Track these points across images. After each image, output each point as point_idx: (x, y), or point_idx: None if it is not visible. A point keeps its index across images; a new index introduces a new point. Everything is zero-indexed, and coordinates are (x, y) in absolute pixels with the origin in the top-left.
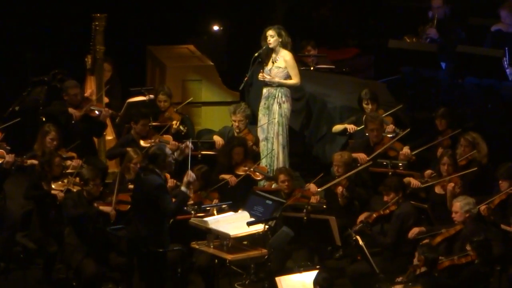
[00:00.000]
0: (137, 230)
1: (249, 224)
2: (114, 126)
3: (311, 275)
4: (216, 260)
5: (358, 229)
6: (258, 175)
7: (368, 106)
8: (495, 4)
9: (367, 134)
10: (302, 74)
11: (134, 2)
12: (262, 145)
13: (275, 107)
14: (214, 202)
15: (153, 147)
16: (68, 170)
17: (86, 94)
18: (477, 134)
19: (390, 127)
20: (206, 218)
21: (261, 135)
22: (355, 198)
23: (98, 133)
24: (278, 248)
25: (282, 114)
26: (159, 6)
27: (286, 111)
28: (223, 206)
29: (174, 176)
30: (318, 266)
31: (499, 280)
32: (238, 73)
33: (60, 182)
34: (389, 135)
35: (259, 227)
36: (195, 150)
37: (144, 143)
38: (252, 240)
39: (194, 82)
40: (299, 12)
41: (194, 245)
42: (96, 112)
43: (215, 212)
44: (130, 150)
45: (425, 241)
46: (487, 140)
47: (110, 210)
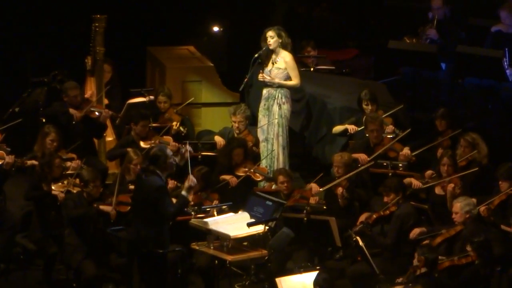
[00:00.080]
0: (137, 231)
1: (249, 225)
2: (114, 127)
3: (311, 276)
4: (216, 261)
5: (358, 230)
6: (258, 176)
7: (367, 107)
8: (495, 4)
9: (367, 135)
10: (302, 75)
11: (134, 3)
12: (262, 146)
13: (275, 108)
14: (214, 203)
15: (154, 149)
16: (68, 171)
17: (86, 96)
18: (477, 135)
19: (390, 128)
20: (206, 219)
21: (261, 136)
22: (355, 199)
23: (98, 134)
24: (278, 249)
25: (282, 115)
26: (159, 7)
27: (286, 112)
28: (223, 207)
29: (174, 177)
30: (318, 267)
31: (499, 280)
32: (238, 74)
33: (60, 183)
34: (389, 136)
35: (259, 228)
36: (195, 151)
37: (144, 144)
38: (252, 241)
39: (194, 83)
40: (299, 13)
41: (194, 246)
42: (96, 113)
43: (215, 213)
44: (130, 151)
45: (425, 242)
46: (487, 140)
47: (110, 210)
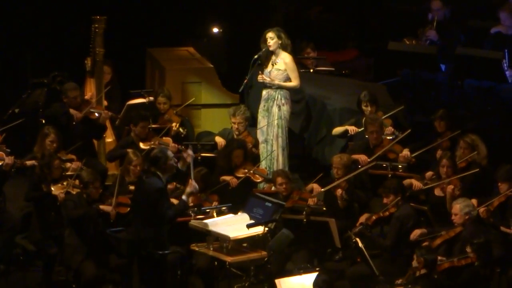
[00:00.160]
0: (136, 232)
1: (248, 226)
2: (114, 128)
3: (311, 277)
4: (215, 262)
5: (358, 231)
6: (258, 177)
7: (367, 108)
8: (495, 6)
9: (367, 136)
10: (302, 76)
11: (133, 4)
12: (262, 147)
13: (275, 109)
14: (214, 204)
15: (154, 150)
16: (67, 173)
17: (86, 97)
18: (476, 136)
19: (389, 129)
20: (205, 220)
21: (260, 137)
22: (355, 200)
23: (98, 135)
24: (277, 250)
25: (281, 116)
26: (159, 8)
27: (285, 113)
28: (223, 208)
29: (173, 178)
30: (317, 268)
31: (499, 282)
32: (238, 75)
33: (59, 185)
34: (388, 137)
35: (259, 229)
36: (195, 152)
37: (143, 145)
38: (251, 242)
39: (193, 84)
40: (299, 14)
41: (194, 247)
42: (95, 114)
43: (215, 214)
44: (129, 152)
45: (425, 243)
46: (487, 142)
47: (110, 210)
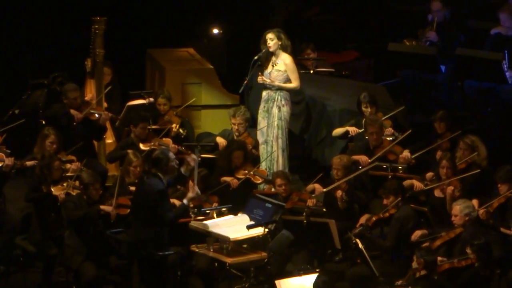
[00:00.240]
0: (136, 232)
1: (249, 227)
2: (114, 130)
3: (311, 278)
4: (216, 263)
5: (358, 232)
6: (258, 179)
7: (367, 109)
8: (495, 7)
9: (367, 137)
10: (302, 77)
11: (133, 5)
12: (262, 148)
13: (275, 110)
14: (214, 205)
15: (156, 151)
16: (67, 174)
17: (86, 98)
18: (476, 137)
19: (389, 131)
20: (205, 222)
21: (260, 138)
22: (355, 201)
23: (98, 136)
24: (277, 251)
25: (281, 117)
26: (159, 9)
27: (285, 114)
28: (223, 209)
29: (177, 182)
30: (317, 269)
31: (499, 283)
32: (238, 76)
33: (59, 186)
34: (388, 138)
35: (259, 231)
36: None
37: (143, 146)
38: (252, 243)
39: (193, 85)
40: (298, 15)
41: (194, 248)
42: (96, 115)
43: (215, 215)
44: (129, 153)
45: (425, 244)
46: (487, 143)
47: (111, 210)
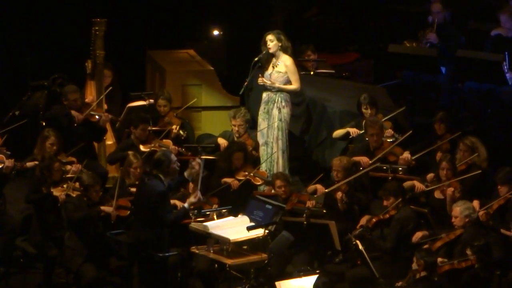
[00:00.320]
0: (137, 233)
1: (249, 228)
2: (114, 131)
3: (311, 280)
4: (216, 264)
5: (358, 233)
6: (258, 180)
7: (367, 111)
8: (495, 8)
9: (367, 139)
10: (302, 78)
11: (134, 6)
12: (262, 149)
13: (275, 112)
14: (214, 207)
15: (158, 153)
16: (68, 175)
17: (87, 100)
18: (476, 139)
19: (389, 132)
20: (206, 223)
21: (260, 140)
22: (355, 202)
23: (98, 138)
24: (278, 252)
25: (281, 118)
26: (159, 10)
27: (285, 116)
28: (223, 210)
29: (179, 186)
30: (317, 271)
31: (499, 284)
32: (238, 77)
33: (59, 187)
34: (388, 140)
35: (259, 232)
36: (195, 155)
37: (143, 148)
38: (252, 244)
39: (194, 86)
40: (296, 16)
41: (194, 249)
42: (96, 117)
43: (215, 216)
44: (130, 154)
45: (425, 246)
46: (487, 144)
47: (111, 211)
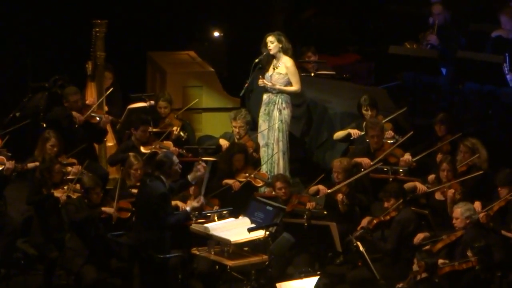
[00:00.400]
0: (138, 235)
1: (249, 230)
2: (115, 132)
3: (312, 281)
4: (217, 266)
5: (359, 235)
6: (259, 182)
7: (367, 112)
8: (495, 10)
9: (368, 140)
10: (303, 80)
11: (134, 8)
12: (263, 151)
13: (276, 113)
14: (215, 208)
15: (160, 154)
16: (68, 177)
17: (87, 102)
18: (476, 140)
19: (389, 133)
20: (206, 224)
21: (261, 141)
22: (356, 204)
23: (99, 139)
24: (278, 254)
25: (282, 120)
26: (160, 12)
27: (286, 117)
28: (224, 212)
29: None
30: (318, 272)
31: (500, 286)
32: (239, 79)
33: (60, 189)
34: (388, 141)
35: (260, 233)
36: (196, 156)
37: (144, 149)
38: (252, 246)
39: (194, 88)
40: (299, 18)
41: (195, 251)
42: (96, 118)
43: (216, 218)
44: (130, 156)
45: (426, 247)
46: (487, 145)
47: (112, 212)
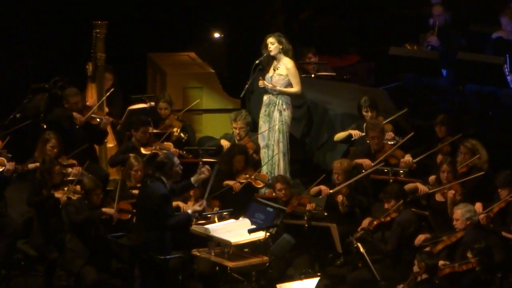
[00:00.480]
0: (139, 235)
1: (250, 231)
2: (115, 134)
3: (312, 283)
4: (217, 267)
5: (359, 236)
6: (259, 183)
7: (367, 114)
8: (496, 11)
9: (368, 142)
10: (303, 81)
11: (134, 9)
12: (263, 152)
13: (276, 114)
14: (215, 209)
15: (161, 155)
16: (68, 178)
17: (88, 103)
18: (476, 141)
19: (390, 135)
20: (207, 226)
21: (261, 142)
22: (356, 205)
23: (99, 140)
24: (279, 255)
25: (282, 121)
26: (160, 13)
27: (286, 118)
28: (224, 213)
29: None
30: (319, 274)
31: (500, 287)
32: (239, 80)
33: (60, 190)
34: (389, 143)
35: (260, 235)
36: (196, 157)
37: (144, 151)
38: (253, 247)
39: (195, 89)
40: (299, 19)
41: (195, 252)
42: (97, 119)
43: (216, 219)
44: (131, 157)
45: (427, 248)
46: (488, 147)
47: (113, 213)
